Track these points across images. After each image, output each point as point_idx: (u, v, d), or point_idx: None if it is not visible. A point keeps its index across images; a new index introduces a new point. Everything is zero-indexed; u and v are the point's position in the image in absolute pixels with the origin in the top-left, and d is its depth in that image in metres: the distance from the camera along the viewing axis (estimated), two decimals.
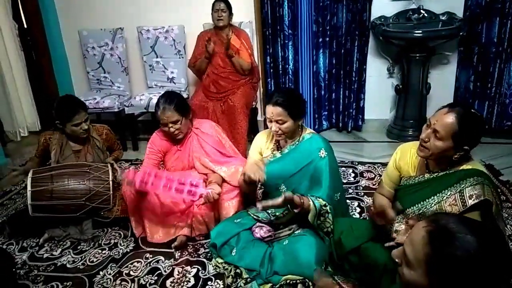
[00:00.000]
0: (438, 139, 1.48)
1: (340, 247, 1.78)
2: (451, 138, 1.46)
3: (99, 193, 2.23)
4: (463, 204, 1.45)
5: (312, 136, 2.02)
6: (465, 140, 1.47)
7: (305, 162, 1.96)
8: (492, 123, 3.24)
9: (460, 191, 1.47)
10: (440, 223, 0.89)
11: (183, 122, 2.20)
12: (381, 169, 2.86)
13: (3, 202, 2.79)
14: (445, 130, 1.46)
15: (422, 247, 0.88)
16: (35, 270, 2.08)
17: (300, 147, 2.01)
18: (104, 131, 2.53)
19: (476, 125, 1.49)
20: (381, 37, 3.14)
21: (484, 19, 3.03)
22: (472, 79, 3.21)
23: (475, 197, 1.43)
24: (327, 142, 2.01)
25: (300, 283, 1.75)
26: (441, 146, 1.48)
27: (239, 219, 2.09)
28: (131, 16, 3.62)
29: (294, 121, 1.94)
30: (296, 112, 1.93)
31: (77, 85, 4.03)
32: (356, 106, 3.48)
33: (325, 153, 1.94)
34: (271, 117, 1.93)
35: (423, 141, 1.54)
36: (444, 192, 1.51)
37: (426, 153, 1.54)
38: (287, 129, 1.94)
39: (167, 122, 2.16)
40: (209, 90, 3.17)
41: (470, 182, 1.46)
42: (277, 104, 1.91)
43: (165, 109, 2.14)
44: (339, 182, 2.10)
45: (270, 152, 2.10)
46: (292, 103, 1.93)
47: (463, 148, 1.48)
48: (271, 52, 3.36)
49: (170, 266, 2.04)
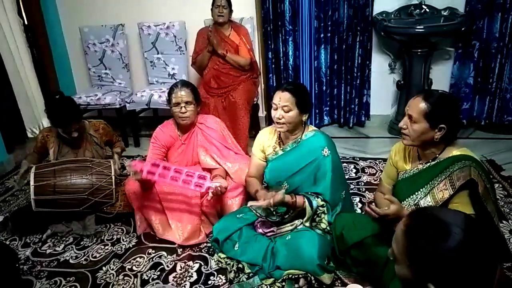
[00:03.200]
0: (414, 122, 1.55)
1: (342, 242, 1.79)
2: (424, 118, 1.53)
3: (102, 187, 2.24)
4: (452, 188, 1.50)
5: (315, 134, 2.00)
6: (439, 118, 1.52)
7: (307, 160, 1.95)
8: (492, 118, 3.24)
9: (449, 176, 1.52)
10: (416, 216, 0.91)
11: (194, 109, 2.23)
12: (382, 165, 2.86)
13: (5, 199, 2.80)
14: (416, 112, 1.54)
15: (401, 240, 0.90)
16: (38, 265, 2.09)
17: (303, 145, 1.99)
18: (100, 125, 2.53)
19: (445, 101, 1.55)
20: (383, 33, 3.14)
21: (485, 14, 3.03)
22: (473, 74, 3.21)
23: (462, 178, 1.49)
24: (330, 140, 2.00)
25: (302, 278, 1.76)
26: (418, 128, 1.55)
27: (242, 214, 2.09)
28: (132, 12, 3.61)
29: (299, 113, 1.93)
30: (302, 103, 1.92)
31: (78, 81, 4.04)
32: (359, 102, 3.48)
33: (328, 152, 1.93)
34: (278, 103, 1.92)
35: (402, 129, 1.61)
36: (435, 179, 1.56)
37: (408, 140, 1.61)
38: (291, 118, 1.92)
39: (181, 102, 2.18)
40: (210, 86, 3.17)
41: (458, 165, 1.52)
42: (286, 90, 1.91)
43: (182, 88, 2.21)
44: (343, 180, 2.09)
45: (272, 149, 2.09)
46: (301, 93, 1.93)
47: (440, 127, 1.52)
48: (273, 47, 3.36)
49: (172, 261, 2.05)
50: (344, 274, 1.84)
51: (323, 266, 1.74)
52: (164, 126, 2.36)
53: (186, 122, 2.25)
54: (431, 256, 0.84)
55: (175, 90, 2.22)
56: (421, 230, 0.87)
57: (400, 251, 0.90)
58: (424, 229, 0.86)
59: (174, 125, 2.35)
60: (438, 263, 0.83)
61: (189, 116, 2.23)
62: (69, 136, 2.31)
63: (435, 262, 0.83)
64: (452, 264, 0.82)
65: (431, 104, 1.52)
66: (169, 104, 2.27)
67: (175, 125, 2.35)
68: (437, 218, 0.87)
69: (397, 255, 0.92)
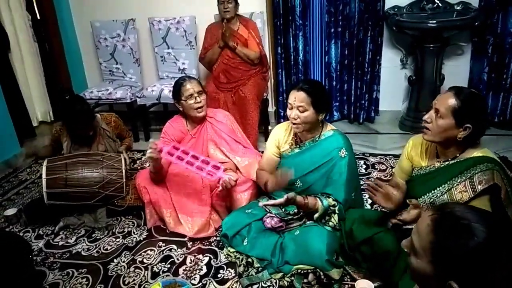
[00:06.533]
0: (440, 117, 1.52)
1: (351, 237, 1.79)
2: (452, 115, 1.49)
3: (112, 181, 2.27)
4: (473, 190, 1.46)
5: (333, 134, 1.96)
6: (466, 116, 1.48)
7: (323, 160, 1.92)
8: (506, 115, 3.19)
9: (470, 178, 1.48)
10: (445, 211, 0.89)
11: (206, 98, 2.28)
12: (393, 161, 2.84)
13: (19, 191, 2.85)
14: (445, 107, 1.50)
15: (427, 235, 0.88)
16: (51, 257, 2.13)
17: (320, 144, 1.96)
18: (112, 118, 2.57)
19: (475, 100, 1.51)
20: (395, 27, 3.10)
21: (500, 9, 2.97)
22: (487, 70, 3.15)
23: (484, 182, 1.45)
24: (348, 141, 1.97)
25: (311, 273, 1.75)
26: (443, 124, 1.51)
27: (250, 209, 2.10)
28: (143, 7, 3.62)
29: (316, 113, 1.88)
30: (319, 103, 1.87)
31: (90, 76, 4.07)
32: (369, 97, 3.45)
33: (345, 153, 1.90)
34: (293, 103, 1.87)
35: (425, 122, 1.57)
36: (454, 179, 1.53)
37: (429, 135, 1.57)
38: (306, 118, 1.88)
39: (194, 92, 2.20)
40: (220, 81, 3.17)
41: (480, 168, 1.48)
42: (301, 89, 1.86)
43: (191, 80, 2.25)
44: (357, 182, 2.07)
45: (288, 146, 2.06)
46: (317, 93, 1.88)
47: (466, 126, 1.48)
48: (283, 42, 3.34)
49: (182, 255, 2.07)
50: (353, 270, 1.84)
51: (332, 261, 1.74)
52: (174, 121, 2.38)
53: (202, 113, 2.26)
54: (459, 255, 0.82)
55: (184, 83, 2.23)
56: (451, 228, 0.85)
57: (424, 246, 0.88)
58: (454, 227, 0.84)
59: (184, 120, 2.36)
60: (466, 261, 0.82)
61: (203, 106, 2.24)
62: (85, 135, 2.35)
63: (462, 261, 0.82)
64: (479, 263, 0.81)
65: (461, 101, 1.48)
66: (178, 102, 2.27)
67: (184, 120, 2.36)
68: (467, 216, 0.85)
69: (418, 249, 0.90)
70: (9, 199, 2.75)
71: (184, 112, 2.30)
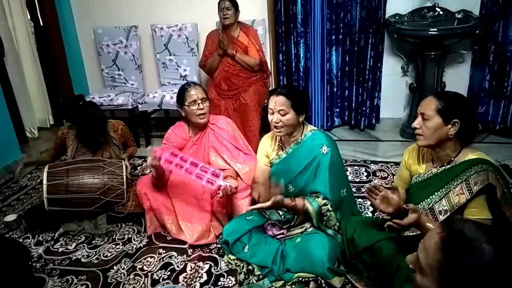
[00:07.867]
0: (427, 120, 1.56)
1: (353, 245, 1.77)
2: (437, 114, 1.54)
3: (113, 187, 2.26)
4: (469, 192, 1.48)
5: (313, 133, 1.99)
6: (451, 112, 1.52)
7: (308, 160, 1.94)
8: (507, 123, 3.19)
9: (466, 180, 1.50)
10: (455, 229, 0.86)
11: (209, 105, 2.28)
12: (394, 169, 2.83)
13: (19, 197, 2.84)
14: (429, 109, 1.55)
15: (435, 253, 0.85)
16: (51, 263, 2.12)
17: (303, 145, 1.99)
18: (119, 126, 2.57)
19: (457, 97, 1.57)
20: (396, 35, 3.11)
21: (501, 17, 2.98)
22: (488, 78, 3.16)
23: (480, 183, 1.46)
24: (329, 138, 1.99)
25: (312, 281, 1.75)
26: (431, 125, 1.55)
27: (251, 216, 2.09)
28: (145, 14, 3.65)
29: (296, 114, 1.92)
30: (298, 104, 1.92)
31: (92, 82, 4.09)
32: (370, 104, 3.46)
33: (327, 149, 1.91)
34: (274, 108, 1.92)
35: (415, 129, 1.61)
36: (451, 183, 1.54)
37: (422, 139, 1.60)
38: (288, 121, 1.92)
39: (197, 99, 2.21)
40: (221, 88, 3.18)
41: (475, 169, 1.49)
42: (281, 94, 1.92)
43: (195, 87, 2.26)
44: (344, 178, 2.07)
45: (275, 154, 2.09)
46: (295, 95, 1.93)
47: (454, 121, 1.52)
48: (284, 49, 3.36)
49: (182, 262, 2.06)
50: (355, 278, 1.82)
51: (333, 269, 1.74)
52: (176, 127, 2.38)
53: (204, 120, 2.26)
54: (467, 275, 0.80)
55: (189, 89, 2.24)
56: (461, 248, 0.83)
57: (431, 264, 0.86)
58: (464, 247, 0.82)
59: (186, 126, 2.36)
60: (473, 282, 0.80)
61: (206, 113, 2.25)
62: (97, 140, 2.35)
63: (469, 281, 0.80)
64: (487, 284, 0.80)
65: (444, 101, 1.54)
66: (181, 107, 2.28)
67: (186, 126, 2.36)
68: (477, 237, 0.82)
69: (425, 266, 0.87)
70: (9, 205, 2.74)
71: (187, 117, 2.31)
